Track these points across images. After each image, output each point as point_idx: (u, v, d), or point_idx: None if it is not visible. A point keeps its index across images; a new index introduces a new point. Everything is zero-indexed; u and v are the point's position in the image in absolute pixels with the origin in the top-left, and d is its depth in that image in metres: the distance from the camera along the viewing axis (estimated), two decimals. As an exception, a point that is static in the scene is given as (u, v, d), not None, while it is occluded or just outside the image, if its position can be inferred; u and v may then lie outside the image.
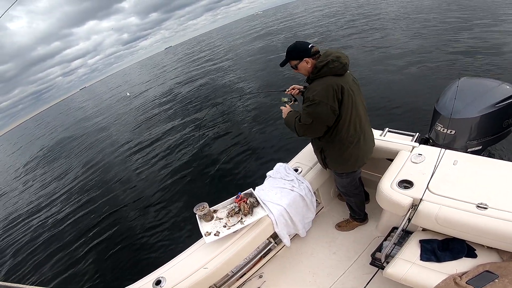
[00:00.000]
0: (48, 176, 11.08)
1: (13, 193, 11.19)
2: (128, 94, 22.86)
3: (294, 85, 2.10)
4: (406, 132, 2.47)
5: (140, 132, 11.10)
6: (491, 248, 1.53)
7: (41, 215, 7.61)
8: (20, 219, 8.04)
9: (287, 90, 2.12)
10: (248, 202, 2.10)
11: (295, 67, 1.79)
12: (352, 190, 2.18)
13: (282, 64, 1.85)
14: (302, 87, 2.07)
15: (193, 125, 9.29)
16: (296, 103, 2.12)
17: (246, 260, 2.31)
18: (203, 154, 6.90)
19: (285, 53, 1.79)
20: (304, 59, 1.71)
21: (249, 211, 2.05)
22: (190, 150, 7.49)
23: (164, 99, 15.33)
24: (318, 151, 2.03)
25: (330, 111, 1.66)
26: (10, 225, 7.87)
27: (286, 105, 2.07)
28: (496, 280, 1.33)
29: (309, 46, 1.72)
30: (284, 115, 2.04)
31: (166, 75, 27.57)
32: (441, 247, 1.61)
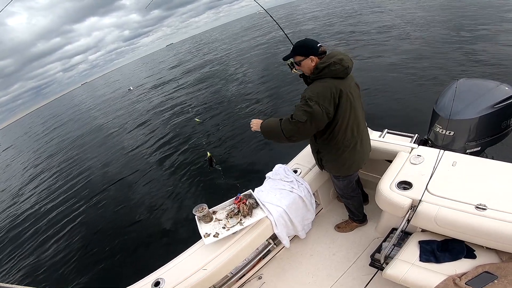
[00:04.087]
0: (48, 172, 11.04)
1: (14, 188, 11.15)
2: (131, 88, 22.90)
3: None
4: (405, 133, 2.47)
5: (142, 130, 11.05)
6: (490, 249, 1.53)
7: (38, 212, 7.60)
8: (17, 215, 8.03)
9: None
10: (247, 203, 2.09)
11: (298, 64, 1.74)
12: (349, 193, 2.19)
13: (286, 58, 1.79)
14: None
15: (195, 124, 9.26)
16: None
17: (245, 261, 2.31)
18: (202, 154, 6.89)
19: (292, 48, 1.74)
20: (310, 56, 1.68)
21: (249, 213, 2.04)
22: (189, 150, 7.47)
23: (166, 95, 15.39)
24: (315, 152, 2.05)
25: (324, 114, 1.63)
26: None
27: (293, 70, 1.86)
28: (496, 281, 1.32)
29: (318, 45, 1.69)
30: (257, 127, 1.89)
31: (167, 70, 27.66)
32: (440, 248, 1.61)
